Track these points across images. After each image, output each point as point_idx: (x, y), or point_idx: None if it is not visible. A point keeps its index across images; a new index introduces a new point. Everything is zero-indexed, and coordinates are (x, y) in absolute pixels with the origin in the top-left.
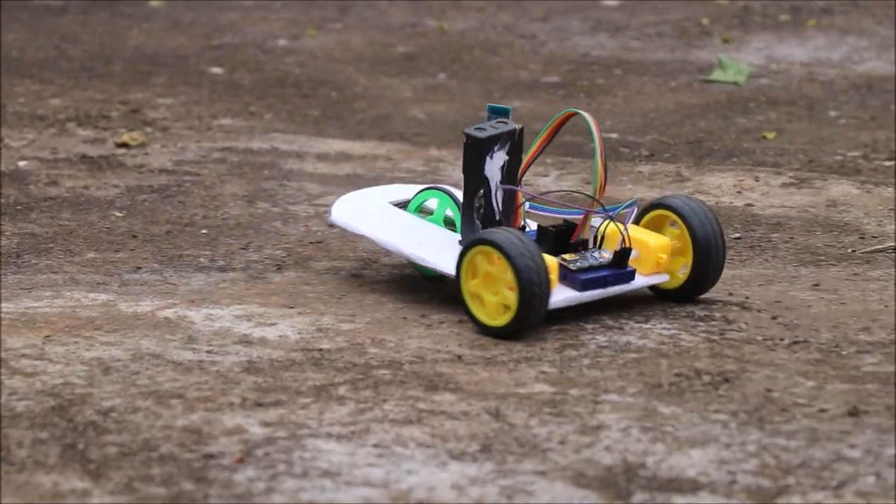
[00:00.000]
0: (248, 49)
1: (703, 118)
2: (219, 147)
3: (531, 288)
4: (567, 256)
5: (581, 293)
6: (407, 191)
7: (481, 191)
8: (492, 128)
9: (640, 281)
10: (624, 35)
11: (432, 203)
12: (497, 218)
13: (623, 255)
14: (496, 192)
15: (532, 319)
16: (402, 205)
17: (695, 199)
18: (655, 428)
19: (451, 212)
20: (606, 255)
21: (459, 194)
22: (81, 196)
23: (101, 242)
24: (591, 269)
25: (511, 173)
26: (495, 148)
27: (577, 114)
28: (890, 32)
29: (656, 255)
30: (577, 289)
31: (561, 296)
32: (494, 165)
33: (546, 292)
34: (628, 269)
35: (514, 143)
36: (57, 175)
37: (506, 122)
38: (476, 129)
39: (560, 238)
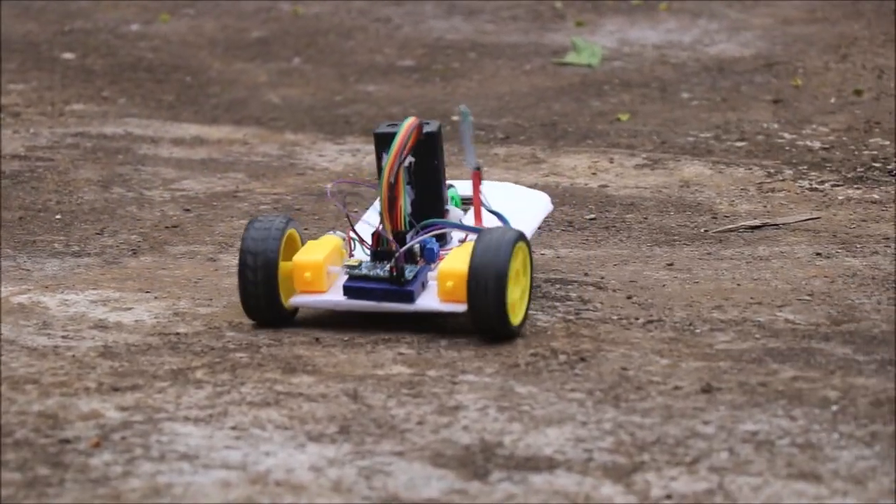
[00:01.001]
0: (100, 34)
1: (558, 101)
2: (72, 132)
3: (244, 280)
4: (352, 262)
5: (346, 300)
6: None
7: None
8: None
9: (426, 304)
10: (478, 18)
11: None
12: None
13: (397, 272)
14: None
15: (253, 312)
16: None
17: (506, 232)
18: (512, 407)
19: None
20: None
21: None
22: None
23: None
24: (364, 278)
25: (427, 175)
26: None
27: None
28: (740, 15)
29: (442, 281)
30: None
31: (326, 297)
32: None
33: (261, 289)
34: (406, 288)
35: (423, 144)
36: None
37: (427, 123)
38: (388, 124)
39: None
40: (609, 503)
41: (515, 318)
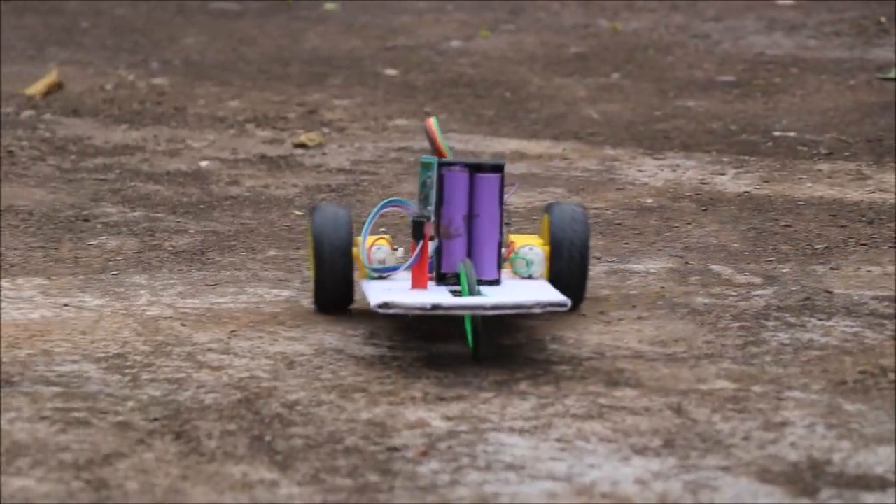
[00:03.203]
0: (421, 50)
1: (883, 116)
2: (395, 147)
3: None
4: None
5: None
6: None
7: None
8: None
9: None
10: (800, 34)
11: None
12: None
13: None
14: None
15: None
16: None
17: None
18: (841, 425)
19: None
20: None
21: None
22: (262, 195)
23: (281, 240)
24: None
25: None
26: None
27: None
28: None
29: None
30: None
31: None
32: None
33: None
34: None
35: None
36: (237, 175)
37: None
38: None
39: None
40: None
41: None
